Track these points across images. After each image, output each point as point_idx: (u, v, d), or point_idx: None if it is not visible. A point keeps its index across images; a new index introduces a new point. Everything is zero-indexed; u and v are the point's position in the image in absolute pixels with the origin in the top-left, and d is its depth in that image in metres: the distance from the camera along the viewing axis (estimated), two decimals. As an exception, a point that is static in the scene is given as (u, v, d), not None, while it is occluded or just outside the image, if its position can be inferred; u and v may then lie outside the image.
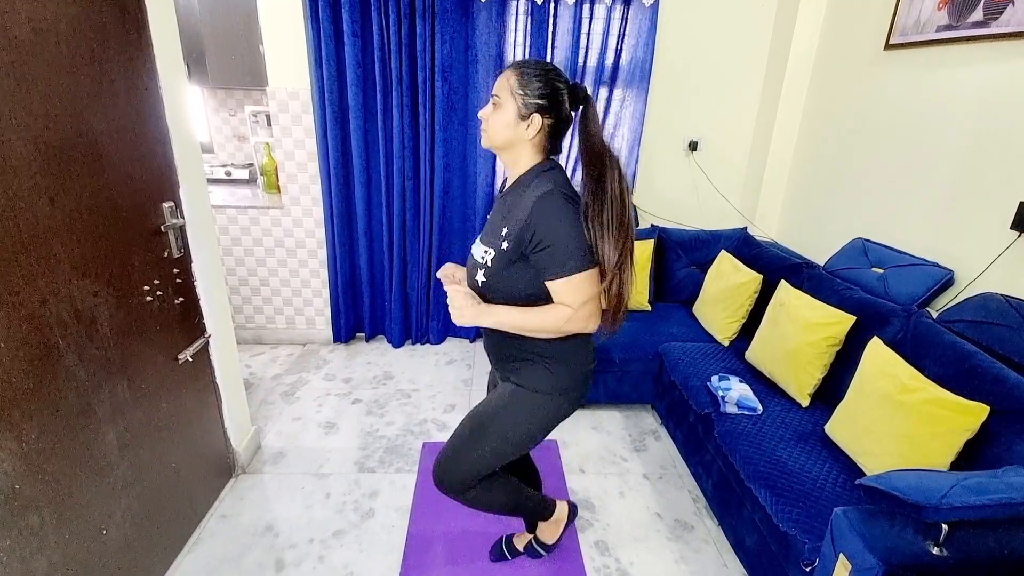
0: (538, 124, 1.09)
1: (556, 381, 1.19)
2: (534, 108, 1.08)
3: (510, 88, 1.08)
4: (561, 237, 1.04)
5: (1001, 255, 1.61)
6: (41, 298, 1.09)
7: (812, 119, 2.57)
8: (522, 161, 1.14)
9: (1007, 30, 1.62)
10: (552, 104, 1.08)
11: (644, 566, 1.64)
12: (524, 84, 1.07)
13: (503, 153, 1.15)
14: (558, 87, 1.08)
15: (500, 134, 1.11)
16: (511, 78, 1.09)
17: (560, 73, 1.10)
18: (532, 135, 1.09)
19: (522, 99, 1.08)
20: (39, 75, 1.07)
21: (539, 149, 1.13)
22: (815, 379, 1.77)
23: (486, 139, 1.14)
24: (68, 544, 1.18)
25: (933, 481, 1.07)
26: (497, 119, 1.10)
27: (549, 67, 1.09)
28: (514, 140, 1.11)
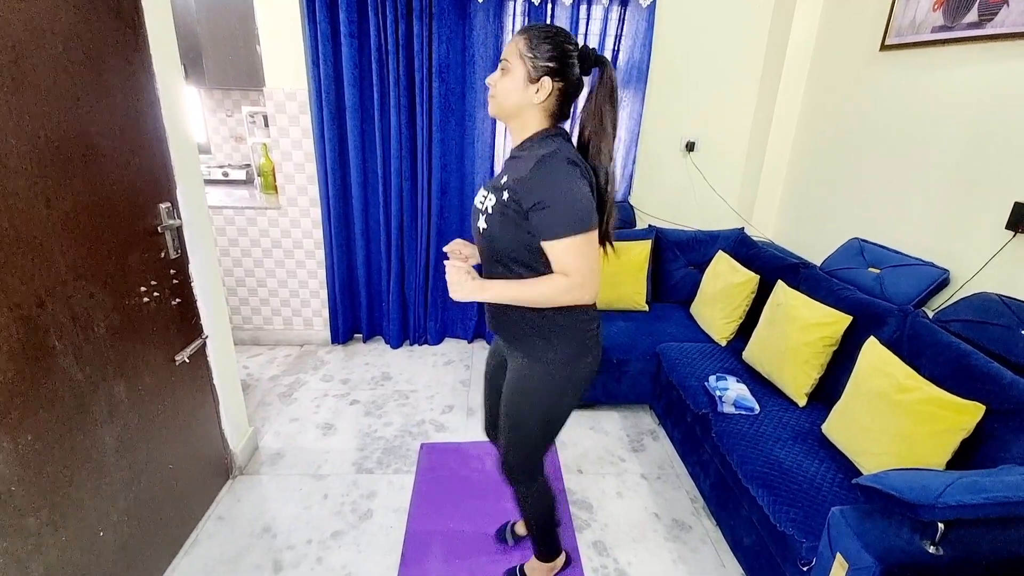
0: (548, 87, 1.06)
1: (557, 351, 1.17)
2: (544, 71, 1.05)
3: (519, 51, 1.06)
4: (560, 198, 1.02)
5: (996, 255, 1.62)
6: (38, 300, 1.09)
7: (808, 120, 2.58)
8: (530, 128, 1.11)
9: (1002, 31, 1.63)
10: (562, 67, 1.06)
11: (642, 566, 1.64)
12: (533, 47, 1.05)
13: (511, 121, 1.13)
14: (568, 49, 1.06)
15: (509, 98, 1.08)
16: (519, 42, 1.07)
17: (570, 36, 1.08)
18: (542, 99, 1.07)
19: (532, 62, 1.05)
20: (36, 75, 1.07)
21: (548, 114, 1.11)
22: (812, 379, 1.78)
23: (494, 105, 1.12)
24: (65, 546, 1.18)
25: (929, 480, 1.07)
26: (506, 83, 1.08)
27: (558, 29, 1.07)
28: (523, 105, 1.08)
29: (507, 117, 1.13)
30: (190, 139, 1.63)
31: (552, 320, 1.16)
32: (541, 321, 1.16)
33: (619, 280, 2.55)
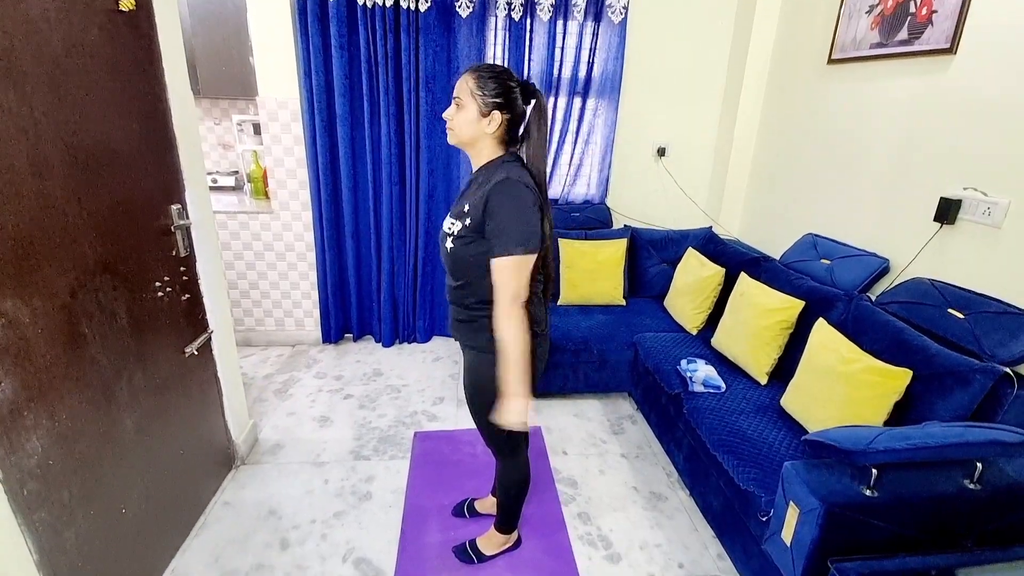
0: (498, 120, 1.23)
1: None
2: (492, 106, 1.22)
3: (469, 90, 1.22)
4: (512, 219, 1.17)
5: (927, 244, 1.83)
6: (71, 290, 1.19)
7: (768, 127, 2.81)
8: (484, 154, 1.28)
9: (926, 48, 1.86)
10: (507, 101, 1.23)
11: (622, 532, 1.79)
12: (481, 85, 1.22)
13: (469, 148, 1.29)
14: (511, 86, 1.23)
15: (465, 131, 1.25)
16: (469, 81, 1.23)
17: (512, 74, 1.25)
18: (493, 130, 1.24)
19: (481, 99, 1.22)
20: (71, 87, 1.19)
21: (500, 142, 1.27)
22: (772, 359, 1.97)
23: (452, 136, 1.29)
24: (93, 520, 1.28)
25: (863, 432, 1.26)
26: (461, 118, 1.24)
27: (501, 68, 1.24)
28: (477, 135, 1.25)
29: (465, 145, 1.29)
30: (197, 145, 1.74)
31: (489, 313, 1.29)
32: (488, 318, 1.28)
33: (598, 277, 2.72)
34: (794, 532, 1.25)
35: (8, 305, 1.03)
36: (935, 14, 1.81)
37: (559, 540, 1.75)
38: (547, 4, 2.60)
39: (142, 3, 1.43)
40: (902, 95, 1.97)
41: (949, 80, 1.78)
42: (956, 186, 1.75)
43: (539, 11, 2.62)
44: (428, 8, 2.52)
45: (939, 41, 1.81)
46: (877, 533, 1.21)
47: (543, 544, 1.73)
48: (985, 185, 1.66)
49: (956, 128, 1.76)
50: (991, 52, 1.65)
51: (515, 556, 1.68)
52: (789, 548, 1.26)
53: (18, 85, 1.05)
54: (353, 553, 1.67)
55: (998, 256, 1.62)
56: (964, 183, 1.72)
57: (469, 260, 1.26)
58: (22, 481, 1.07)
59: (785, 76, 2.66)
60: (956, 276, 1.73)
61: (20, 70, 1.05)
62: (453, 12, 2.58)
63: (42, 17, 1.10)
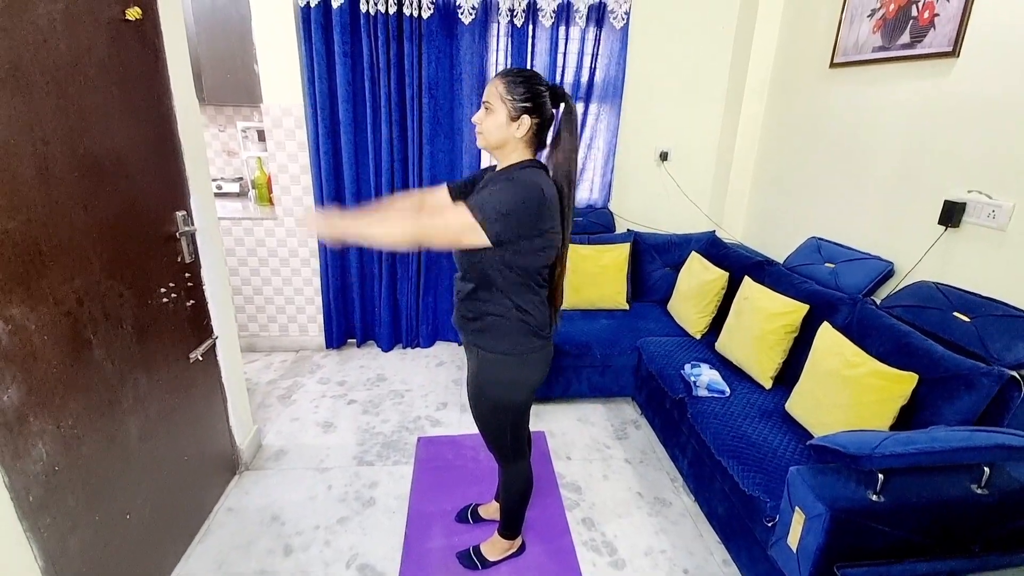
0: (527, 124, 1.23)
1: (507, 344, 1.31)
2: (522, 110, 1.23)
3: (499, 94, 1.23)
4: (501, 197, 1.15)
5: (932, 247, 1.83)
6: (77, 297, 1.20)
7: (770, 130, 2.81)
8: (512, 157, 1.29)
9: (929, 51, 1.86)
10: (536, 106, 1.24)
11: (627, 538, 1.78)
12: (511, 90, 1.23)
13: (497, 152, 1.30)
14: (540, 90, 1.24)
15: (494, 135, 1.26)
16: (499, 85, 1.24)
17: (541, 78, 1.26)
18: (522, 134, 1.24)
19: (511, 103, 1.23)
20: (77, 96, 1.20)
21: (528, 145, 1.28)
22: (776, 363, 1.96)
23: (482, 140, 1.29)
24: (98, 526, 1.28)
25: (869, 437, 1.25)
26: (490, 122, 1.25)
27: (530, 73, 1.26)
28: (507, 139, 1.26)
29: (494, 149, 1.30)
30: (202, 152, 1.75)
31: (505, 318, 1.29)
32: (499, 319, 1.29)
33: (601, 281, 2.72)
34: (800, 538, 1.24)
35: (14, 311, 1.04)
36: (937, 17, 1.81)
37: (563, 546, 1.74)
38: (549, 10, 2.62)
39: (148, 12, 1.44)
40: (905, 98, 1.97)
41: (952, 83, 1.78)
42: (960, 189, 1.74)
43: (541, 17, 2.63)
44: (431, 15, 2.54)
45: (942, 44, 1.81)
46: (883, 539, 1.20)
47: (547, 550, 1.72)
48: (989, 188, 1.65)
49: (960, 131, 1.75)
50: (994, 54, 1.64)
51: (519, 562, 1.67)
52: (795, 554, 1.25)
53: (25, 93, 1.06)
54: (357, 559, 1.67)
55: (1003, 259, 1.62)
56: (968, 186, 1.72)
57: (480, 252, 1.24)
58: (28, 487, 1.08)
59: (787, 80, 2.66)
60: (961, 279, 1.72)
61: (27, 79, 1.06)
62: (456, 19, 2.60)
63: (49, 26, 1.12)
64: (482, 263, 1.26)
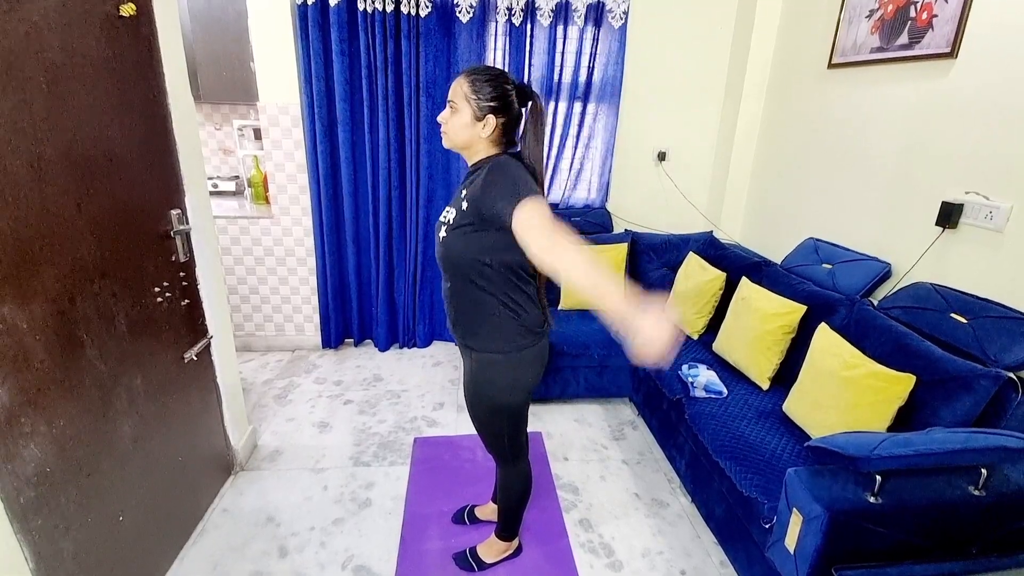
0: (492, 124, 1.20)
1: (501, 343, 1.29)
2: (487, 110, 1.20)
3: (463, 93, 1.20)
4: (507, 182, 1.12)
5: (929, 248, 1.83)
6: (69, 295, 1.19)
7: (768, 131, 2.81)
8: (479, 156, 1.26)
9: (927, 52, 1.86)
10: (503, 105, 1.20)
11: (624, 540, 1.78)
12: (476, 90, 1.19)
13: (464, 151, 1.27)
14: (507, 89, 1.21)
15: (460, 135, 1.23)
16: (463, 84, 1.20)
17: (508, 77, 1.23)
18: (488, 133, 1.21)
19: (476, 103, 1.19)
20: (69, 92, 1.18)
21: (496, 144, 1.25)
22: (774, 364, 1.96)
23: (447, 140, 1.27)
24: (91, 527, 1.27)
25: (867, 438, 1.24)
26: (455, 121, 1.22)
27: (497, 71, 1.22)
28: (472, 139, 1.23)
29: (459, 149, 1.27)
30: (197, 150, 1.74)
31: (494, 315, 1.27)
32: (488, 317, 1.27)
33: (598, 281, 2.71)
34: (798, 539, 1.23)
35: (5, 310, 1.02)
36: (935, 18, 1.81)
37: (560, 547, 1.73)
38: (547, 9, 2.61)
39: (143, 9, 1.43)
40: (903, 99, 1.96)
41: (950, 84, 1.78)
42: (958, 190, 1.74)
43: (539, 16, 2.62)
44: (428, 13, 2.52)
45: (940, 45, 1.81)
46: (881, 540, 1.20)
47: (544, 551, 1.72)
48: (987, 189, 1.65)
49: (958, 132, 1.75)
50: (992, 56, 1.64)
51: (516, 564, 1.67)
52: (793, 555, 1.25)
53: (18, 90, 1.04)
54: (352, 561, 1.65)
55: (1001, 260, 1.61)
56: (966, 187, 1.72)
57: (460, 252, 1.23)
58: (19, 488, 1.06)
59: (785, 80, 2.66)
60: (959, 280, 1.72)
61: (20, 75, 1.05)
62: (453, 17, 2.59)
63: (43, 22, 1.10)
64: (462, 262, 1.24)
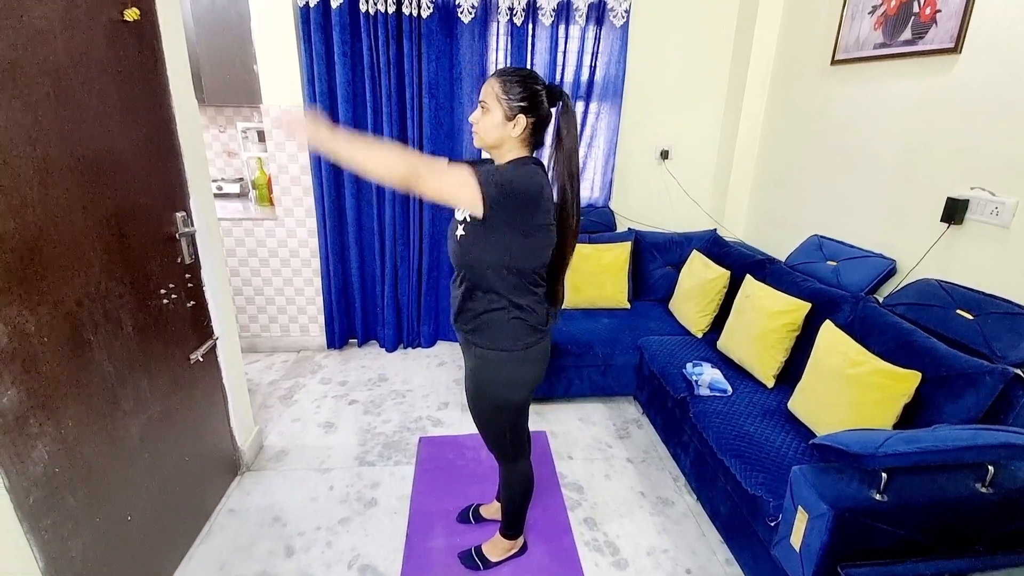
0: (523, 123, 1.23)
1: (505, 342, 1.30)
2: (518, 110, 1.22)
3: (495, 94, 1.23)
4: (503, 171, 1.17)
5: (935, 245, 1.82)
6: (77, 298, 1.20)
7: (771, 128, 2.80)
8: (509, 156, 1.28)
9: (931, 47, 1.85)
10: (533, 105, 1.23)
11: (629, 538, 1.78)
12: (507, 90, 1.22)
13: (494, 151, 1.30)
14: (536, 89, 1.23)
15: (491, 134, 1.25)
16: (495, 85, 1.23)
17: (537, 77, 1.25)
18: (519, 133, 1.24)
19: (507, 103, 1.22)
20: (74, 97, 1.19)
21: (525, 144, 1.28)
22: (778, 362, 1.95)
23: (478, 139, 1.29)
24: (99, 527, 1.28)
25: (873, 435, 1.24)
26: (486, 121, 1.25)
27: (527, 72, 1.25)
28: (503, 138, 1.25)
29: (490, 148, 1.30)
30: (201, 153, 1.75)
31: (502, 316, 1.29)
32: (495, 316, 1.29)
33: (602, 280, 2.71)
34: (803, 537, 1.23)
35: (14, 313, 1.03)
36: (939, 14, 1.80)
37: (565, 546, 1.74)
38: (549, 9, 2.61)
39: (146, 13, 1.44)
40: (907, 95, 1.95)
41: (954, 79, 1.77)
42: (963, 186, 1.73)
43: (541, 16, 2.62)
44: (430, 14, 2.53)
45: (943, 41, 1.80)
46: (887, 538, 1.19)
47: (549, 550, 1.72)
48: (992, 185, 1.64)
49: (962, 127, 1.74)
50: (996, 50, 1.63)
51: (521, 562, 1.67)
52: (798, 553, 1.24)
53: (24, 95, 1.05)
54: (358, 560, 1.66)
55: (1007, 256, 1.60)
56: (971, 183, 1.71)
57: (476, 252, 1.24)
58: (28, 489, 1.08)
59: (788, 77, 2.65)
60: (964, 277, 1.71)
61: (26, 80, 1.06)
62: (455, 18, 2.59)
63: (47, 28, 1.11)
64: (478, 265, 1.26)
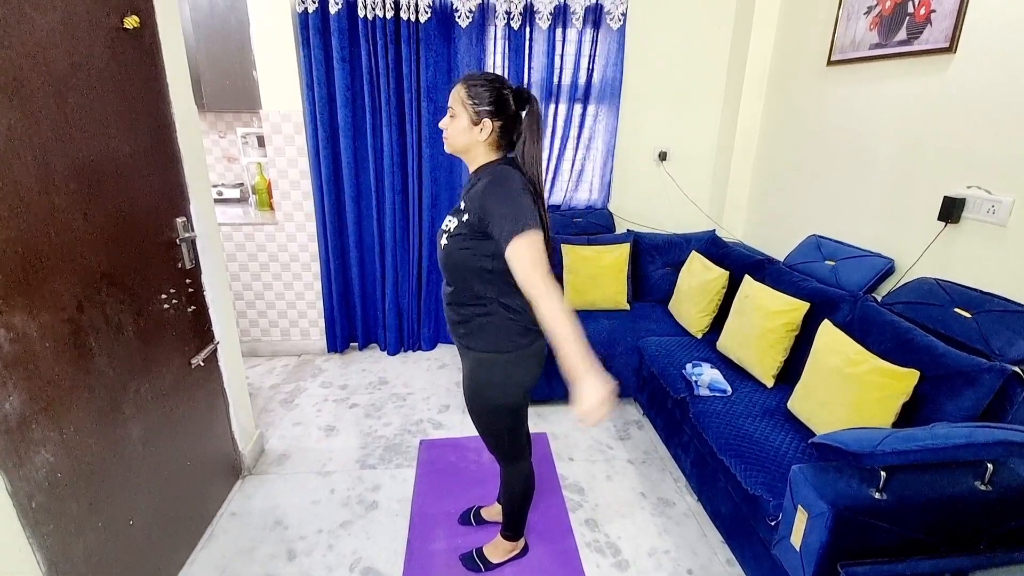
0: (489, 127, 1.24)
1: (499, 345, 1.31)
2: (484, 114, 1.23)
3: (460, 99, 1.24)
4: (508, 206, 1.16)
5: (932, 243, 1.82)
6: (78, 303, 1.21)
7: (769, 129, 2.81)
8: (479, 160, 1.29)
9: (926, 47, 1.86)
10: (499, 108, 1.24)
11: (631, 539, 1.78)
12: (472, 95, 1.23)
13: (464, 155, 1.31)
14: (503, 93, 1.24)
15: (458, 139, 1.27)
16: (460, 91, 1.25)
17: (504, 81, 1.27)
18: (486, 136, 1.25)
19: (473, 108, 1.23)
20: (76, 104, 1.21)
21: (494, 148, 1.28)
22: (778, 362, 1.95)
23: (448, 145, 1.31)
24: (101, 532, 1.28)
25: (871, 434, 1.24)
26: (454, 127, 1.26)
27: (493, 76, 1.26)
28: (471, 143, 1.27)
29: (460, 153, 1.31)
30: (201, 158, 1.76)
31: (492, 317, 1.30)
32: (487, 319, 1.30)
33: (601, 281, 2.72)
34: (803, 536, 1.23)
35: (16, 319, 1.04)
36: (934, 14, 1.81)
37: (566, 547, 1.74)
38: (546, 12, 2.63)
39: (146, 21, 1.45)
40: (903, 95, 1.96)
41: (950, 79, 1.78)
42: (960, 185, 1.74)
43: (538, 20, 2.64)
44: (428, 19, 2.54)
45: (938, 40, 1.81)
46: (887, 536, 1.19)
47: (550, 551, 1.72)
48: (989, 183, 1.65)
49: (958, 126, 1.75)
50: (991, 50, 1.64)
51: (522, 564, 1.67)
52: (799, 552, 1.25)
53: (25, 103, 1.06)
54: (360, 563, 1.67)
55: (1004, 254, 1.61)
56: (968, 181, 1.71)
57: (461, 259, 1.26)
58: (30, 494, 1.08)
59: (785, 78, 2.66)
60: (962, 275, 1.71)
61: (27, 88, 1.07)
62: (453, 22, 2.61)
63: (48, 36, 1.12)
64: (463, 268, 1.27)
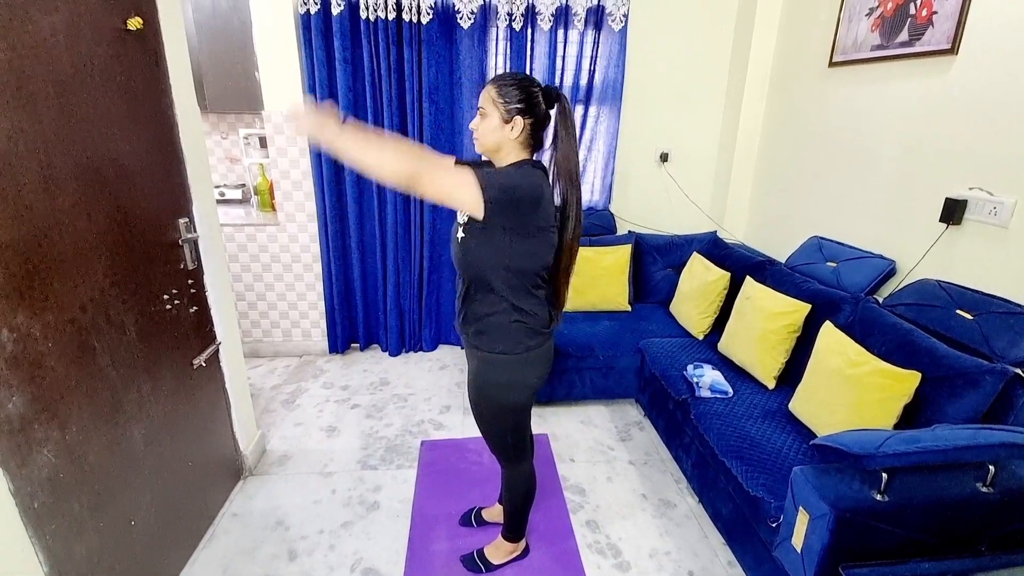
0: (520, 125, 1.26)
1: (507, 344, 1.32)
2: (515, 112, 1.25)
3: (491, 99, 1.27)
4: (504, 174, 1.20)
5: (934, 245, 1.82)
6: (81, 304, 1.21)
7: (770, 130, 2.81)
8: (509, 159, 1.30)
9: (928, 49, 1.86)
10: (529, 106, 1.26)
11: (632, 540, 1.78)
12: (503, 94, 1.25)
13: (494, 155, 1.32)
14: (532, 91, 1.26)
15: (489, 138, 1.28)
16: (491, 90, 1.27)
17: (533, 80, 1.28)
18: (516, 135, 1.27)
19: (503, 107, 1.25)
20: (79, 105, 1.21)
21: (524, 147, 1.30)
22: (779, 363, 1.95)
23: (479, 144, 1.32)
24: (103, 532, 1.29)
25: (873, 436, 1.24)
26: (485, 126, 1.28)
27: (522, 76, 1.28)
28: (502, 141, 1.28)
29: (491, 152, 1.32)
30: (204, 159, 1.77)
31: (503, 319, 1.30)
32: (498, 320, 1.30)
33: (602, 283, 2.72)
34: (804, 538, 1.23)
35: (19, 320, 1.05)
36: (935, 15, 1.81)
37: (567, 548, 1.74)
38: (547, 14, 2.63)
39: (149, 22, 1.46)
40: (905, 96, 1.96)
41: (951, 80, 1.78)
42: (961, 186, 1.74)
43: (540, 21, 2.64)
44: (430, 20, 2.55)
45: (940, 42, 1.81)
46: (888, 538, 1.19)
47: (551, 552, 1.72)
48: (991, 184, 1.65)
49: (960, 128, 1.75)
50: (993, 51, 1.64)
51: (523, 565, 1.67)
52: (800, 554, 1.24)
53: (29, 104, 1.07)
54: (361, 563, 1.67)
55: (1006, 256, 1.61)
56: (969, 183, 1.71)
57: (481, 257, 1.26)
58: (33, 494, 1.09)
59: (787, 80, 2.66)
60: (964, 277, 1.71)
61: (31, 89, 1.07)
62: (454, 24, 2.61)
63: (52, 38, 1.13)
64: (478, 267, 1.27)
